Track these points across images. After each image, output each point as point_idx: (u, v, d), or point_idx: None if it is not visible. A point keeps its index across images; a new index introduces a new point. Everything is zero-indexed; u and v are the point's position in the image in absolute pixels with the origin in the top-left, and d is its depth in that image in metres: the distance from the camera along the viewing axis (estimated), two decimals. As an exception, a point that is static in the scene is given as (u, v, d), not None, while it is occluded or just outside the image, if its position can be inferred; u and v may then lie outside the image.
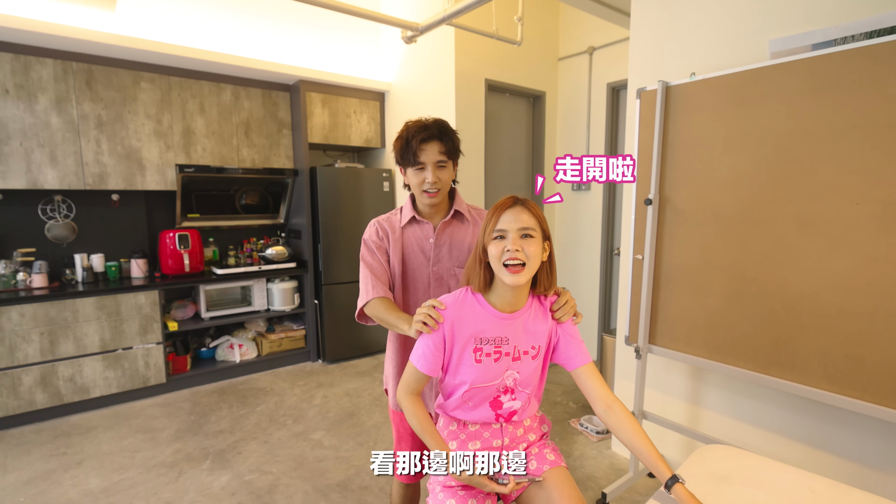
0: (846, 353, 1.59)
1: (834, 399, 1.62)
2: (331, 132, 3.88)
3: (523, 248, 1.12)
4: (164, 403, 3.18)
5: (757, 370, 1.80)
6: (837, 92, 1.53)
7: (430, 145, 1.35)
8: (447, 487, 1.22)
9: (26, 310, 2.83)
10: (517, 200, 1.19)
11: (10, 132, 2.92)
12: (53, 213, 3.25)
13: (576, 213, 3.98)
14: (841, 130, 1.54)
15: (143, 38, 3.10)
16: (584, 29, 3.74)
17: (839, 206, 1.56)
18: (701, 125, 1.89)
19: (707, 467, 1.21)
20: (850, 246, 1.55)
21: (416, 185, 1.40)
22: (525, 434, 1.31)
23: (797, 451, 1.92)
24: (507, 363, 1.20)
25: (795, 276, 1.68)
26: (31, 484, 2.31)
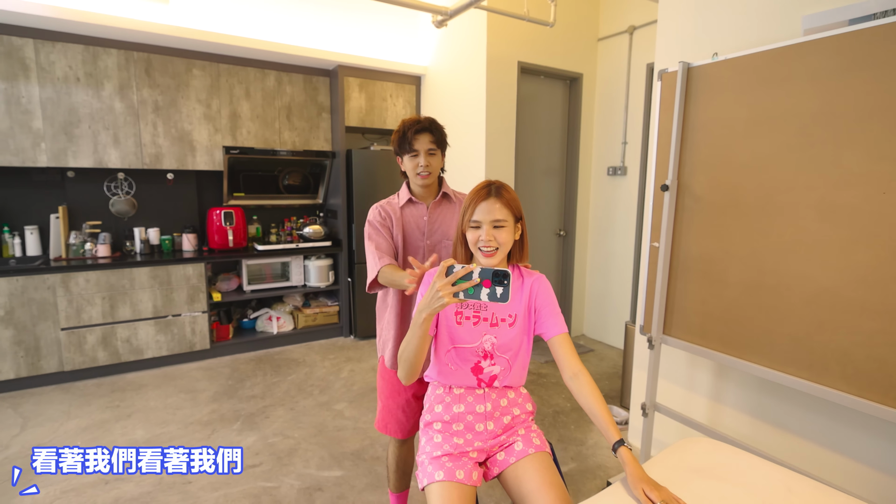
0: (867, 354, 1.48)
1: (852, 402, 1.51)
2: (367, 115, 3.98)
3: (495, 237, 1.26)
4: (207, 368, 3.46)
5: (773, 367, 1.71)
6: (868, 71, 1.41)
7: (423, 136, 1.61)
8: (434, 459, 1.27)
9: (91, 276, 3.15)
10: (491, 191, 1.28)
11: (80, 116, 3.22)
12: (117, 190, 3.57)
13: (611, 198, 3.87)
14: (870, 113, 1.41)
15: (196, 28, 3.31)
16: (626, 7, 3.59)
17: (865, 194, 1.44)
18: (722, 108, 1.79)
19: (682, 458, 1.18)
20: (876, 238, 1.43)
21: (411, 169, 1.64)
22: (510, 406, 1.35)
23: (812, 452, 1.82)
24: (486, 328, 1.30)
25: (816, 270, 1.57)
26: (87, 430, 2.60)
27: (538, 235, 3.97)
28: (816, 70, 1.52)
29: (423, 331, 1.19)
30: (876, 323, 1.45)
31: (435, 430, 1.33)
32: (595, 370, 3.52)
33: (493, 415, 1.32)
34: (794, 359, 1.65)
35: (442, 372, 1.33)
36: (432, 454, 1.28)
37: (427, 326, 1.18)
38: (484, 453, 1.31)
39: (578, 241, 4.09)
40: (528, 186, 3.81)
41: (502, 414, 1.33)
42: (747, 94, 1.71)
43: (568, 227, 4.07)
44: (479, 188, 1.30)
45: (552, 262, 4.10)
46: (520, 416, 1.36)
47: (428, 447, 1.30)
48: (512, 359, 1.32)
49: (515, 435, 1.32)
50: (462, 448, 1.28)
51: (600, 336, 4.12)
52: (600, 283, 4.07)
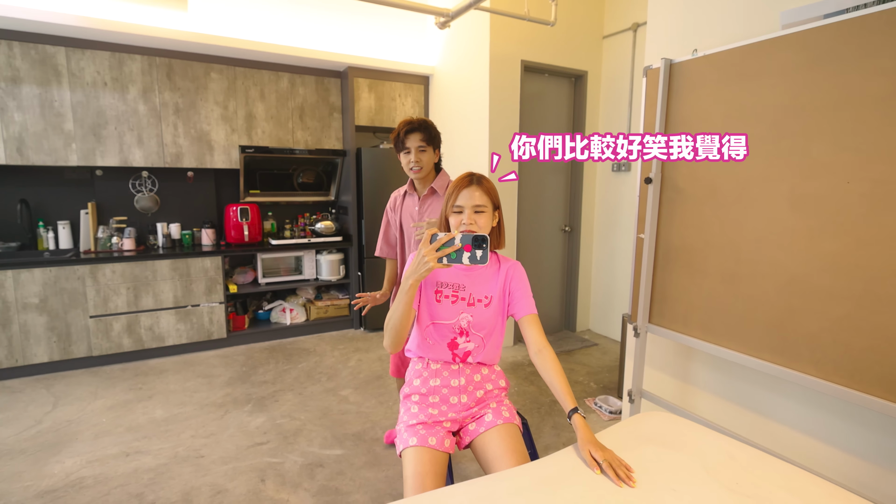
0: (834, 339, 1.53)
1: (820, 385, 1.56)
2: (376, 115, 4.12)
3: (476, 221, 1.36)
4: (223, 355, 3.65)
5: (748, 353, 1.77)
6: (831, 65, 1.46)
7: (414, 135, 1.89)
8: (410, 427, 1.39)
9: (117, 268, 3.37)
10: (472, 180, 1.39)
11: (107, 118, 3.45)
12: (140, 187, 3.80)
13: (616, 194, 3.91)
14: (834, 106, 1.47)
15: (213, 34, 3.50)
16: (630, 5, 3.63)
17: (831, 184, 1.50)
18: (701, 102, 1.85)
19: (636, 428, 1.27)
20: (841, 227, 1.48)
21: (405, 164, 1.95)
22: (483, 382, 1.46)
23: (787, 436, 1.86)
24: (463, 307, 1.41)
25: (787, 258, 1.63)
26: (112, 409, 2.80)
27: (544, 231, 4.04)
28: (785, 65, 1.58)
29: (409, 297, 1.28)
30: (842, 309, 1.50)
31: (413, 401, 1.44)
32: (597, 363, 3.58)
33: (466, 388, 1.43)
34: (769, 345, 1.70)
35: (421, 346, 1.45)
36: (408, 423, 1.39)
37: (413, 293, 1.28)
38: (457, 423, 1.42)
39: (584, 236, 4.14)
40: (533, 183, 3.88)
41: (475, 388, 1.44)
42: (724, 89, 1.77)
43: (573, 223, 4.13)
44: (462, 178, 1.41)
45: (558, 257, 4.16)
46: (492, 391, 1.46)
47: (405, 417, 1.42)
48: (486, 337, 1.43)
49: (487, 408, 1.43)
50: (436, 418, 1.39)
51: (605, 331, 4.17)
52: (605, 279, 4.12)
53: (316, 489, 2.10)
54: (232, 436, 2.52)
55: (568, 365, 3.54)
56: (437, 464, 1.29)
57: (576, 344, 3.95)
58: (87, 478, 2.16)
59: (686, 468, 1.09)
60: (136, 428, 2.59)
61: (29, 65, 3.18)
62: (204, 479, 2.15)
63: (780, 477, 1.06)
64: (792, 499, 0.98)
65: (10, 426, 2.59)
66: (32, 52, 3.18)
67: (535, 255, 4.01)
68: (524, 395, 3.02)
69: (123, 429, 2.58)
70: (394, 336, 1.36)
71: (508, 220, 3.68)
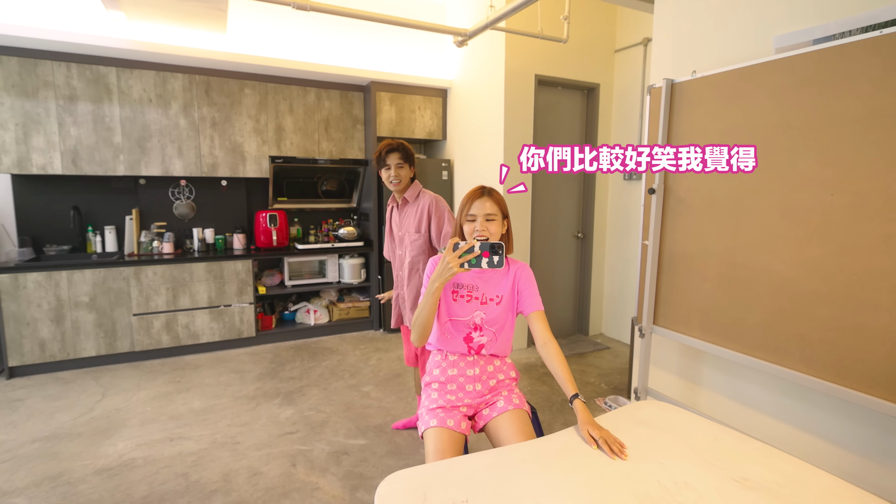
0: (821, 338, 1.66)
1: (810, 381, 1.70)
2: (397, 126, 4.33)
3: (487, 228, 1.53)
4: (253, 353, 3.88)
5: (744, 352, 1.91)
6: (815, 88, 1.61)
7: (393, 154, 2.26)
8: (430, 410, 1.56)
9: (157, 270, 3.63)
10: (483, 192, 1.57)
11: (151, 132, 3.73)
12: (179, 195, 4.07)
13: (627, 202, 4.05)
14: (818, 125, 1.61)
15: (248, 53, 3.77)
16: (641, 20, 3.78)
17: (816, 196, 1.64)
18: (700, 119, 2.00)
19: (632, 414, 1.42)
20: (826, 235, 1.62)
21: (386, 179, 2.31)
22: (496, 372, 1.63)
23: (781, 430, 1.98)
24: (476, 305, 1.59)
25: (778, 263, 1.77)
26: (154, 400, 3.04)
27: (557, 237, 4.19)
28: (775, 86, 1.73)
29: (435, 298, 1.48)
30: (828, 310, 1.63)
31: (433, 388, 1.62)
32: (609, 365, 3.71)
33: (480, 378, 1.60)
34: (762, 344, 1.84)
35: (440, 339, 1.62)
36: (429, 407, 1.57)
37: (438, 294, 1.47)
38: (472, 409, 1.59)
39: (596, 242, 4.28)
40: (546, 191, 4.04)
41: (489, 377, 1.61)
42: (721, 108, 1.93)
43: (586, 230, 4.27)
44: (474, 190, 1.59)
45: (570, 262, 4.30)
46: (504, 380, 1.63)
47: (426, 402, 1.59)
48: (497, 331, 1.60)
49: (499, 395, 1.60)
50: (454, 403, 1.57)
51: (617, 335, 4.29)
52: (617, 284, 4.24)
53: (342, 474, 2.28)
54: (264, 425, 2.73)
55: (580, 367, 3.67)
56: (455, 442, 1.47)
57: (588, 347, 4.08)
58: (138, 458, 2.38)
59: (674, 446, 1.24)
60: (178, 416, 2.82)
61: (84, 84, 3.47)
62: (241, 463, 2.36)
63: (759, 454, 1.20)
64: (765, 472, 1.13)
65: (66, 412, 2.85)
66: (88, 73, 3.47)
67: (549, 260, 4.16)
68: (537, 394, 3.16)
69: (166, 417, 2.81)
70: (420, 331, 1.54)
71: (523, 226, 3.84)
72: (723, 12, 2.12)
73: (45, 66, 3.37)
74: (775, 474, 1.11)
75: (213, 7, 3.04)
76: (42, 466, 2.30)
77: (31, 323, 3.30)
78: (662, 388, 2.50)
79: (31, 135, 3.38)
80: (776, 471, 1.13)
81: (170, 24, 3.42)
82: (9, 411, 2.85)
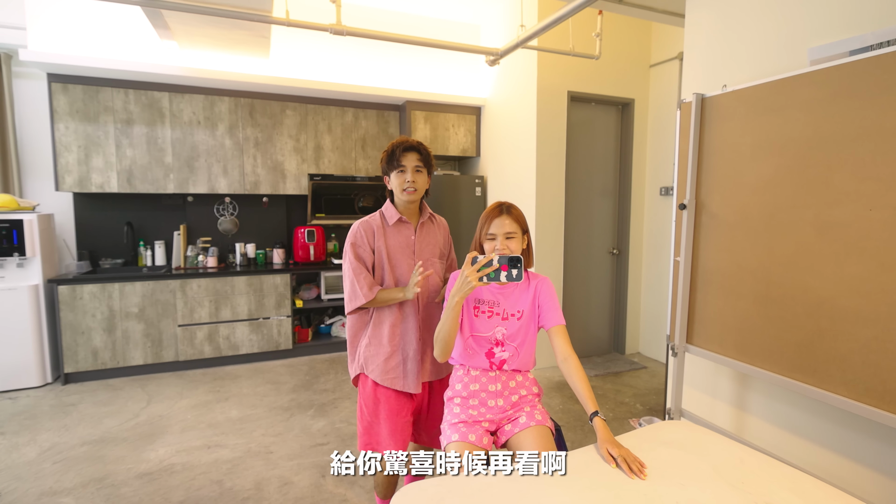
0: (863, 360, 1.58)
1: (851, 406, 1.61)
2: (431, 143, 4.42)
3: (508, 246, 1.55)
4: (289, 364, 4.00)
5: (781, 373, 1.83)
6: (850, 101, 1.55)
7: (410, 154, 1.71)
8: (453, 425, 1.58)
9: (202, 283, 3.82)
10: (502, 210, 1.60)
11: (199, 152, 3.96)
12: (223, 212, 4.29)
13: (664, 217, 3.96)
14: (854, 138, 1.55)
15: (289, 76, 3.97)
16: (676, 35, 3.74)
17: (854, 211, 1.57)
18: (731, 134, 1.96)
19: (656, 434, 1.39)
20: (865, 251, 1.55)
21: (399, 185, 1.71)
22: (518, 388, 1.63)
23: (825, 458, 1.87)
24: (497, 321, 1.60)
25: (815, 281, 1.70)
26: (195, 408, 3.18)
27: (592, 253, 4.14)
28: (810, 99, 1.68)
29: (455, 313, 1.50)
30: (870, 331, 1.55)
31: (455, 403, 1.63)
32: (645, 385, 3.61)
33: (503, 393, 1.60)
34: (800, 365, 1.76)
35: (464, 354, 1.64)
36: (451, 421, 1.58)
37: (459, 309, 1.49)
38: (494, 424, 1.59)
39: (632, 259, 4.19)
40: (580, 207, 4.01)
41: (511, 393, 1.61)
42: (752, 122, 1.88)
43: (621, 246, 4.20)
44: (493, 208, 1.61)
45: (606, 279, 4.23)
46: (526, 396, 1.63)
47: (449, 416, 1.61)
48: (519, 347, 1.60)
49: (521, 411, 1.59)
50: (476, 418, 1.58)
51: (654, 354, 4.16)
52: (654, 302, 4.14)
53: (370, 486, 2.31)
54: (297, 436, 2.80)
55: (615, 387, 3.58)
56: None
57: (624, 366, 3.98)
58: (177, 464, 2.49)
59: (696, 468, 1.21)
60: (216, 425, 2.93)
61: (140, 108, 3.75)
62: (273, 472, 2.43)
63: (786, 479, 1.16)
64: (793, 498, 1.08)
65: (114, 418, 3.02)
66: (143, 98, 3.75)
67: (584, 277, 4.11)
68: (569, 413, 3.11)
69: (205, 425, 2.93)
70: (442, 346, 1.56)
71: (556, 243, 3.82)
72: (755, 25, 2.09)
73: (105, 93, 3.66)
74: (802, 500, 1.07)
75: (257, 35, 3.24)
76: (89, 469, 2.45)
77: (85, 332, 3.54)
78: (696, 410, 2.41)
79: (91, 156, 3.66)
80: (805, 496, 1.08)
81: (218, 51, 3.66)
82: (62, 415, 3.05)
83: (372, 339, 1.77)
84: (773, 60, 2.00)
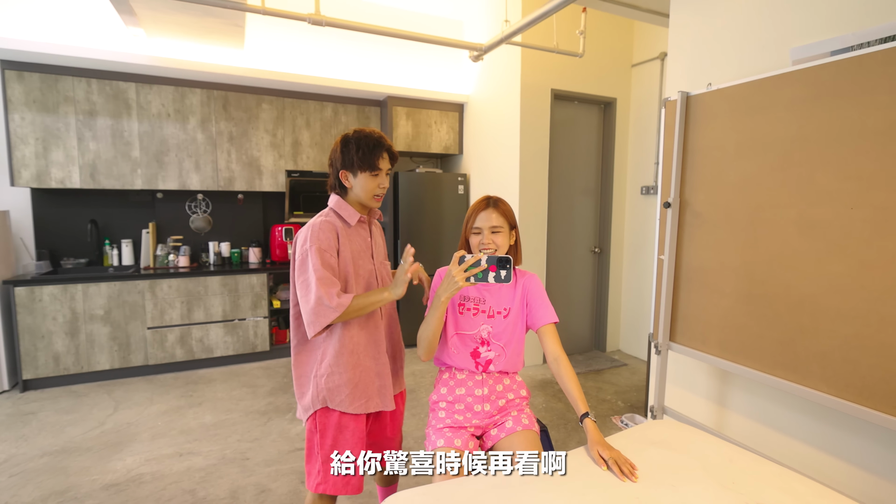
0: (843, 356, 1.59)
1: (832, 402, 1.62)
2: (413, 141, 4.36)
3: (493, 241, 1.51)
4: (266, 367, 3.88)
5: (763, 370, 1.84)
6: (833, 100, 1.56)
7: (386, 158, 1.51)
8: (437, 430, 1.53)
9: (173, 283, 3.68)
10: (489, 203, 1.55)
11: (169, 146, 3.81)
12: (196, 209, 4.14)
13: (644, 216, 3.99)
14: (837, 137, 1.56)
15: (265, 68, 3.85)
16: (658, 35, 3.77)
17: (836, 210, 1.58)
18: (716, 132, 1.97)
19: (645, 434, 1.37)
20: (846, 250, 1.56)
21: (370, 188, 1.50)
22: (505, 391, 1.59)
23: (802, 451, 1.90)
24: (483, 318, 1.56)
25: (797, 279, 1.71)
26: (166, 414, 3.05)
27: (574, 252, 4.14)
28: (793, 98, 1.69)
29: (440, 312, 1.44)
30: (850, 328, 1.57)
31: (440, 407, 1.58)
32: (626, 382, 3.63)
33: (489, 398, 1.56)
34: (782, 362, 1.77)
35: (447, 354, 1.59)
36: (436, 426, 1.53)
37: (444, 308, 1.44)
38: (480, 429, 1.55)
39: (613, 257, 4.22)
40: (563, 205, 4.01)
41: (498, 397, 1.57)
42: (737, 120, 1.89)
43: (603, 245, 4.22)
44: (480, 201, 1.57)
45: (588, 278, 4.25)
46: (514, 399, 1.59)
47: (433, 421, 1.56)
48: (506, 346, 1.56)
49: (508, 415, 1.55)
50: (461, 423, 1.53)
51: (635, 351, 4.20)
52: (635, 299, 4.17)
53: (350, 491, 2.25)
54: (274, 441, 2.71)
55: (597, 384, 3.59)
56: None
57: (605, 364, 4.00)
58: (146, 474, 2.38)
59: (686, 468, 1.19)
60: (188, 431, 2.82)
61: (104, 99, 3.57)
62: (249, 480, 2.34)
63: (776, 478, 1.15)
64: (784, 497, 1.07)
65: (77, 426, 2.87)
66: (107, 88, 3.58)
67: (566, 275, 4.11)
68: (552, 411, 3.10)
69: (177, 432, 2.81)
70: (426, 346, 1.51)
71: (538, 241, 3.81)
72: (739, 24, 2.10)
73: (65, 82, 3.47)
74: (793, 499, 1.06)
75: (230, 23, 3.12)
76: (50, 481, 2.31)
77: (45, 336, 3.36)
78: (680, 407, 2.42)
79: (50, 149, 3.48)
80: (794, 495, 1.07)
81: (188, 40, 3.52)
82: (21, 425, 2.89)
83: (336, 366, 1.48)
84: (757, 60, 2.01)
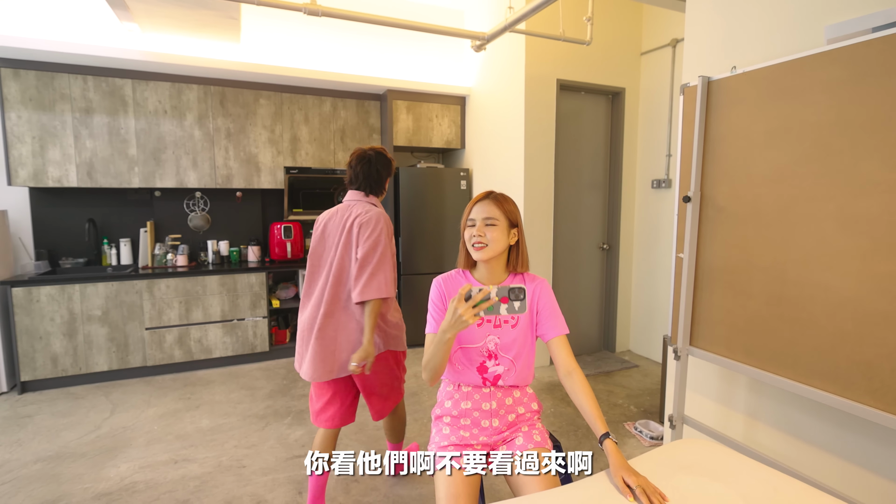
0: (893, 366, 1.44)
1: (879, 417, 1.47)
2: (413, 135, 4.22)
3: (486, 234, 1.37)
4: (265, 368, 3.77)
5: (798, 380, 1.68)
6: (879, 80, 1.40)
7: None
8: (442, 448, 1.40)
9: (171, 283, 3.57)
10: (488, 196, 1.41)
11: (166, 143, 3.70)
12: (194, 207, 4.03)
13: (655, 211, 3.83)
14: (885, 121, 1.40)
15: (263, 63, 3.72)
16: (668, 21, 3.59)
17: (884, 203, 1.42)
18: (741, 120, 1.81)
19: (673, 455, 1.23)
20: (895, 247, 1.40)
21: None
22: (515, 405, 1.45)
23: (842, 469, 1.75)
24: (489, 329, 1.41)
25: (837, 280, 1.55)
26: (162, 418, 2.95)
27: (581, 249, 3.99)
28: (831, 80, 1.53)
29: (447, 347, 1.26)
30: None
31: (444, 423, 1.45)
32: (638, 385, 3.48)
33: (498, 412, 1.42)
34: (819, 371, 1.62)
35: (452, 370, 1.45)
36: (440, 444, 1.40)
37: (451, 344, 1.26)
38: (488, 447, 1.42)
39: (623, 254, 4.06)
40: (570, 200, 3.86)
41: (507, 412, 1.43)
42: (765, 106, 1.73)
43: (611, 241, 4.06)
44: (480, 194, 1.44)
45: (595, 275, 4.09)
46: (524, 414, 1.45)
47: (437, 438, 1.43)
48: (515, 358, 1.42)
49: (518, 431, 1.42)
50: (467, 441, 1.40)
51: (645, 352, 4.04)
52: (645, 298, 4.01)
53: (351, 502, 2.13)
54: (272, 447, 2.60)
55: (607, 387, 3.45)
56: (470, 485, 1.30)
57: (615, 365, 3.85)
58: (140, 482, 2.27)
59: (723, 499, 1.05)
60: (185, 436, 2.71)
61: (100, 96, 3.46)
62: (245, 489, 2.23)
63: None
64: (840, 537, 0.93)
65: (73, 430, 2.77)
66: (103, 85, 3.47)
67: (572, 273, 3.96)
68: (561, 416, 2.96)
69: (173, 437, 2.71)
70: (432, 374, 1.33)
71: (545, 237, 3.66)
72: (764, 3, 1.93)
73: (61, 79, 3.37)
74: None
75: (224, 15, 2.99)
76: (42, 489, 2.21)
77: (43, 337, 3.27)
78: (700, 416, 2.27)
79: (47, 148, 3.38)
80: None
81: (183, 35, 3.39)
82: (16, 428, 2.80)
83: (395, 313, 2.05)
84: (787, 40, 1.85)
